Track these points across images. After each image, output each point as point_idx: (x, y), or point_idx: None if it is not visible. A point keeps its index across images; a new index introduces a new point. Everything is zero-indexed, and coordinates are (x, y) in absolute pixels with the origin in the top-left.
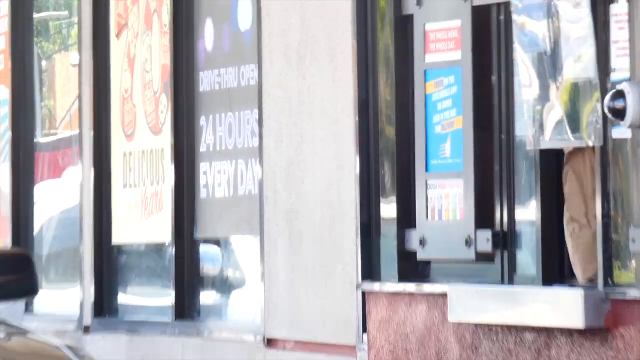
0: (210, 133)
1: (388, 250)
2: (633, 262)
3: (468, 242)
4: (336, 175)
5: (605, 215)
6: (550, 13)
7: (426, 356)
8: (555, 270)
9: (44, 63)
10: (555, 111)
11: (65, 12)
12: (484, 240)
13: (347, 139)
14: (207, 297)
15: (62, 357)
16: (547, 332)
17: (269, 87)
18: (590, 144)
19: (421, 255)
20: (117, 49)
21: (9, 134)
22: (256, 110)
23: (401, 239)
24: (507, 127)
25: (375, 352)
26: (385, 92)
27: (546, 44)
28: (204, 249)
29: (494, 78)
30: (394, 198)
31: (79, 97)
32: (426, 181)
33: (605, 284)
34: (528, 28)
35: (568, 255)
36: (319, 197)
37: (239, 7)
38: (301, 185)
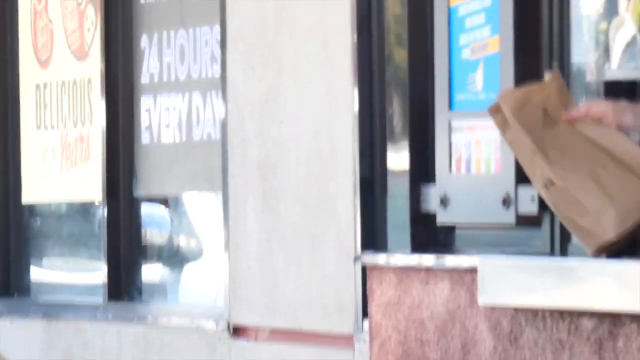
0: (155, 58)
1: (398, 212)
2: None
3: (506, 202)
4: (327, 115)
5: None
6: None
7: (448, 349)
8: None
9: None
10: (626, 29)
11: None
12: (528, 199)
13: (342, 66)
14: (151, 272)
15: None
16: (613, 318)
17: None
18: None
19: (443, 218)
20: None
21: None
22: (218, 28)
23: (416, 198)
24: (560, 52)
25: (379, 343)
26: (395, 3)
27: None
28: (146, 210)
29: None
30: (406, 144)
31: None
32: (449, 122)
33: None
34: None
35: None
36: (304, 144)
37: None
38: (279, 128)
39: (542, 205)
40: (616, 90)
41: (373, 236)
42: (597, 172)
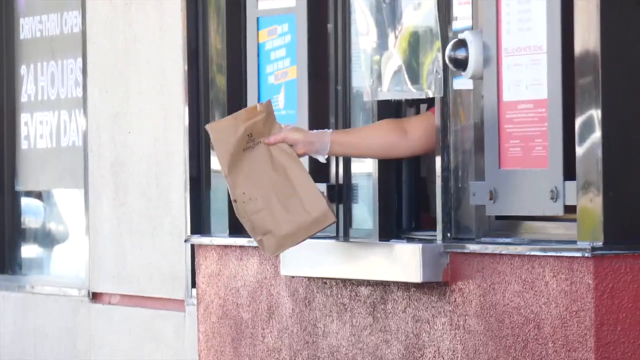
0: (31, 83)
1: (218, 204)
2: (472, 216)
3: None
4: (163, 126)
5: (445, 169)
6: None
7: (258, 310)
8: (393, 224)
9: None
10: (394, 61)
11: None
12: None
13: (175, 89)
14: (29, 250)
15: None
16: (384, 287)
17: (93, 35)
18: (430, 95)
19: None
20: None
21: None
22: (80, 59)
23: None
24: (343, 78)
25: (205, 306)
26: (217, 40)
27: None
28: (25, 201)
29: (330, 26)
30: None
31: None
32: None
33: (444, 238)
34: None
35: (407, 207)
36: (146, 149)
37: None
38: (127, 137)
39: (331, 197)
40: (386, 107)
41: (200, 222)
42: (272, 199)
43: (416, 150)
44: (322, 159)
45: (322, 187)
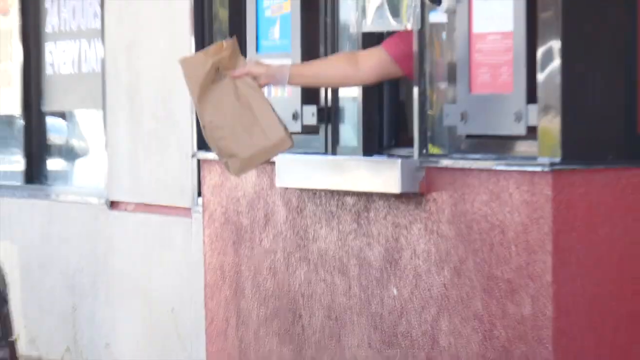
0: (55, 15)
1: None
2: (446, 135)
3: (295, 116)
4: (171, 55)
5: (422, 93)
6: None
7: (255, 217)
8: (375, 142)
9: None
10: None
11: None
12: (310, 114)
13: (182, 20)
14: (54, 164)
15: None
16: (367, 197)
17: None
18: (409, 27)
19: None
20: None
21: None
22: None
23: None
24: (332, 11)
25: (209, 213)
26: None
27: None
28: (50, 121)
29: None
30: None
31: None
32: (257, 60)
33: (420, 154)
34: None
35: (388, 127)
36: (156, 74)
37: None
38: (140, 63)
39: (320, 118)
40: (370, 38)
41: (204, 140)
42: (235, 127)
43: (367, 81)
44: (281, 88)
45: (312, 108)
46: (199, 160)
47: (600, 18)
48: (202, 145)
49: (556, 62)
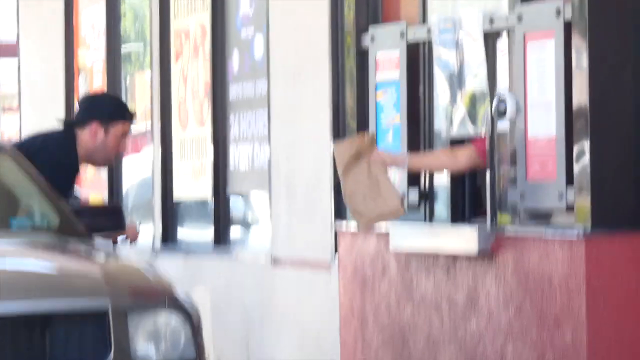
0: (236, 126)
1: None
2: (509, 209)
3: (403, 196)
4: (319, 157)
5: (492, 179)
6: (458, 46)
7: (375, 270)
8: (459, 214)
9: (127, 79)
10: (460, 111)
11: (141, 44)
12: (413, 194)
13: (325, 130)
14: (234, 232)
15: (142, 271)
16: (454, 256)
17: (274, 96)
18: (483, 133)
19: None
20: (175, 70)
21: None
22: (266, 112)
23: None
24: (429, 122)
25: (343, 267)
26: (351, 99)
27: (455, 66)
28: (232, 200)
29: (420, 89)
30: None
31: (151, 100)
32: None
33: (491, 223)
34: (443, 56)
35: (469, 203)
36: (307, 167)
37: (255, 42)
38: (295, 160)
39: (420, 196)
40: (455, 141)
41: (341, 215)
42: (366, 195)
43: (461, 169)
44: (402, 171)
45: (415, 190)
46: (336, 229)
47: (616, 129)
48: (338, 217)
49: (586, 158)
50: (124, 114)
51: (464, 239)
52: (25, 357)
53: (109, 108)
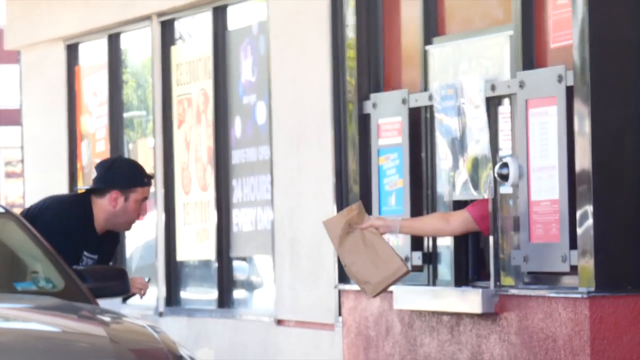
0: (240, 190)
1: None
2: (513, 271)
3: (407, 259)
4: (319, 219)
5: (496, 242)
6: (459, 112)
7: (379, 330)
8: (463, 277)
9: (130, 145)
10: (463, 175)
11: (144, 112)
12: (417, 258)
13: (328, 194)
14: (238, 294)
15: (147, 332)
16: (458, 316)
17: (277, 161)
18: (486, 196)
19: None
20: (178, 136)
21: None
22: (269, 176)
23: None
24: (432, 186)
25: (347, 327)
26: (353, 164)
27: (457, 132)
28: (236, 263)
29: (423, 154)
30: None
31: (154, 167)
32: None
33: (495, 285)
34: (445, 122)
35: (472, 266)
36: (310, 230)
37: (257, 108)
38: (299, 223)
39: (424, 260)
40: (458, 205)
41: (343, 275)
42: (366, 262)
43: (455, 233)
44: (394, 236)
45: (418, 253)
46: (339, 290)
47: (618, 193)
48: (342, 279)
49: (590, 221)
50: (142, 180)
51: (467, 300)
52: None
53: (128, 175)
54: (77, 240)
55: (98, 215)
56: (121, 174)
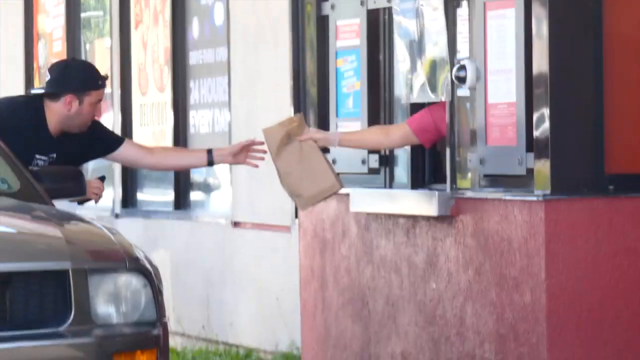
0: (197, 91)
1: None
2: (469, 174)
3: (364, 162)
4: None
5: (452, 145)
6: (418, 14)
7: (335, 232)
8: (419, 179)
9: (87, 46)
10: (420, 78)
11: (101, 12)
12: (374, 160)
13: (285, 97)
14: (195, 195)
15: (103, 233)
16: (414, 219)
17: (234, 63)
18: (443, 99)
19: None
20: (135, 36)
21: None
22: (226, 78)
23: None
24: (389, 88)
25: (303, 230)
26: (311, 66)
27: (415, 34)
28: None
29: (381, 57)
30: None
31: (111, 68)
32: (337, 123)
33: (451, 188)
34: (403, 24)
35: (429, 169)
36: None
37: (215, 9)
38: (255, 126)
39: (381, 162)
40: (415, 107)
41: None
42: (301, 174)
43: (394, 146)
44: (335, 144)
45: (375, 156)
46: None
47: (575, 96)
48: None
49: (546, 124)
50: (97, 83)
51: (424, 203)
52: None
53: (82, 78)
54: (29, 142)
55: (51, 118)
56: (75, 77)
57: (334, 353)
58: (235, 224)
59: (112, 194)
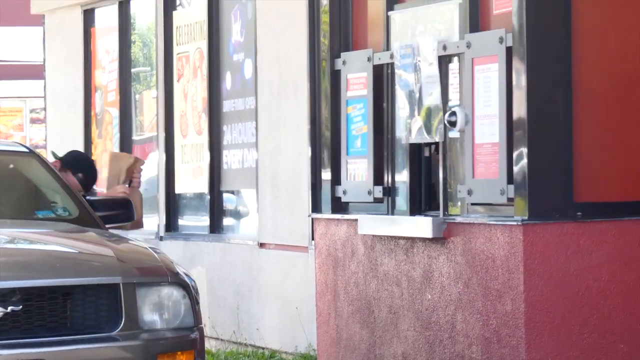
0: (229, 134)
1: (326, 196)
2: (459, 202)
3: (370, 193)
4: (298, 160)
5: (445, 178)
6: (416, 68)
7: (346, 252)
8: (417, 207)
9: (137, 96)
10: (418, 122)
11: (149, 68)
12: (378, 191)
13: (304, 138)
14: (227, 221)
15: (149, 252)
16: (412, 240)
17: (261, 110)
18: (437, 139)
19: (343, 199)
20: (177, 88)
21: (118, 134)
22: (254, 123)
23: (333, 190)
24: (392, 131)
25: (318, 250)
26: (325, 112)
27: (413, 85)
28: (225, 195)
29: (384, 104)
30: (329, 169)
31: (157, 114)
32: (347, 160)
33: (444, 214)
34: (403, 77)
35: (425, 198)
36: (288, 168)
37: (245, 65)
38: (279, 162)
39: (384, 193)
40: (413, 147)
41: (316, 206)
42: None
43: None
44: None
45: (380, 187)
46: (312, 219)
47: (549, 138)
48: (314, 209)
49: (524, 161)
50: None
51: (420, 226)
52: (51, 323)
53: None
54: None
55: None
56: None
57: (344, 354)
58: (261, 245)
59: (156, 220)
